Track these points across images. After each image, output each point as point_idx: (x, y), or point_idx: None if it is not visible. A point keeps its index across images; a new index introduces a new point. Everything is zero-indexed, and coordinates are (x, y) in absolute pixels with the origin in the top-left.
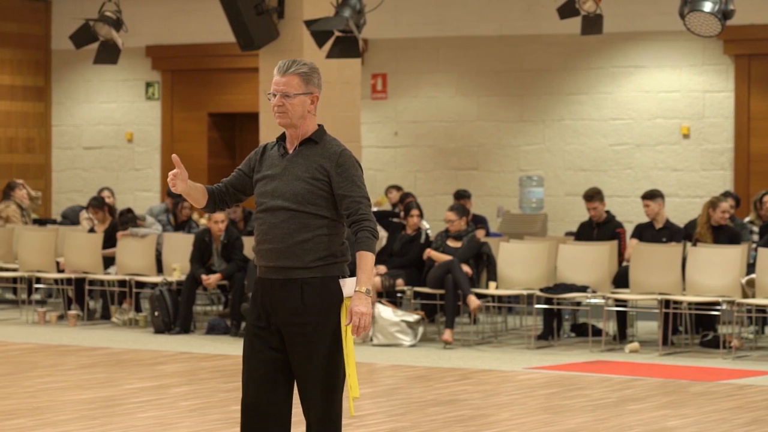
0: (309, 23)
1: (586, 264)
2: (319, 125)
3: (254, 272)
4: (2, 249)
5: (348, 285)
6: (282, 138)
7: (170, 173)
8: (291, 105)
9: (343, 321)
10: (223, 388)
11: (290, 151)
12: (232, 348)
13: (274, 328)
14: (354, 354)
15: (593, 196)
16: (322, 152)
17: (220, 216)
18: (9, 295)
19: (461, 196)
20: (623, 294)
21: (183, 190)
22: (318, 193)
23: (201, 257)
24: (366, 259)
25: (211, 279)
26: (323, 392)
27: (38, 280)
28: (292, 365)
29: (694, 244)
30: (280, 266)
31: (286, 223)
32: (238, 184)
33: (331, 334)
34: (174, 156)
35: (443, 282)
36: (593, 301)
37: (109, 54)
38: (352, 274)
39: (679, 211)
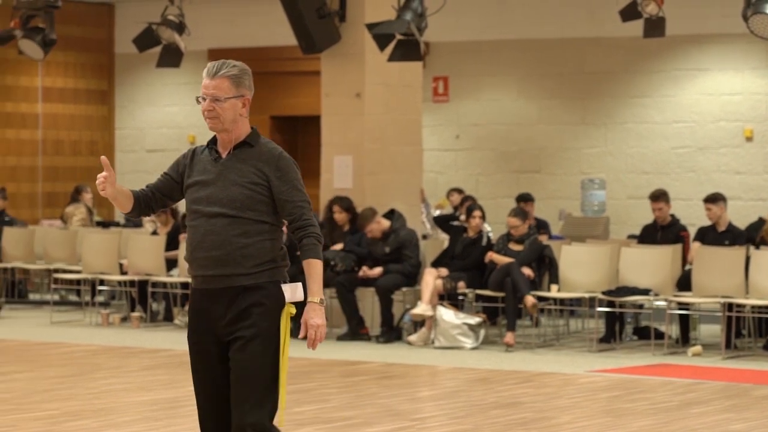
0: (370, 26)
1: (649, 267)
2: (252, 128)
3: None
4: (66, 251)
5: (289, 290)
6: (213, 142)
7: (99, 176)
8: (222, 109)
9: (283, 328)
10: (288, 389)
11: (224, 156)
12: (294, 350)
13: (214, 339)
14: (287, 364)
15: (659, 196)
16: (259, 155)
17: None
18: (73, 297)
19: (525, 199)
20: (686, 297)
21: (111, 194)
22: (257, 198)
23: None
24: (315, 267)
25: None
26: (260, 398)
27: (102, 282)
28: (231, 371)
29: (757, 247)
30: (219, 274)
31: (224, 229)
32: (165, 189)
33: (272, 341)
34: (103, 158)
35: (503, 285)
36: (656, 304)
37: (171, 57)
38: (292, 279)
39: (742, 214)
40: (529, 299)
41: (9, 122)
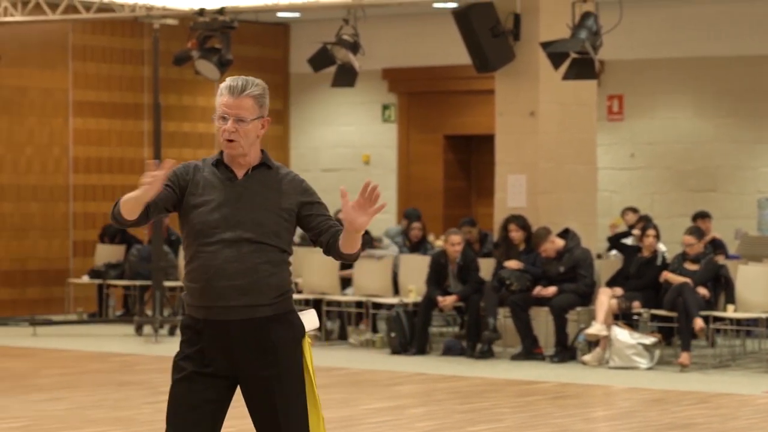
0: (545, 45)
1: None
2: (262, 149)
3: (492, 295)
4: None
5: (307, 318)
6: (219, 161)
7: (150, 174)
8: (245, 132)
9: (308, 360)
10: (459, 409)
11: (239, 176)
12: (468, 369)
13: (222, 376)
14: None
15: None
16: (282, 180)
17: (457, 239)
18: None
19: (702, 216)
20: None
21: (151, 197)
22: (283, 225)
23: (437, 279)
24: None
25: (447, 300)
26: None
27: None
28: (256, 414)
29: None
30: (243, 305)
31: (249, 256)
32: (167, 199)
33: (299, 374)
34: (154, 161)
35: (676, 304)
36: None
37: (346, 77)
38: None
39: None
40: (698, 322)
41: (186, 142)
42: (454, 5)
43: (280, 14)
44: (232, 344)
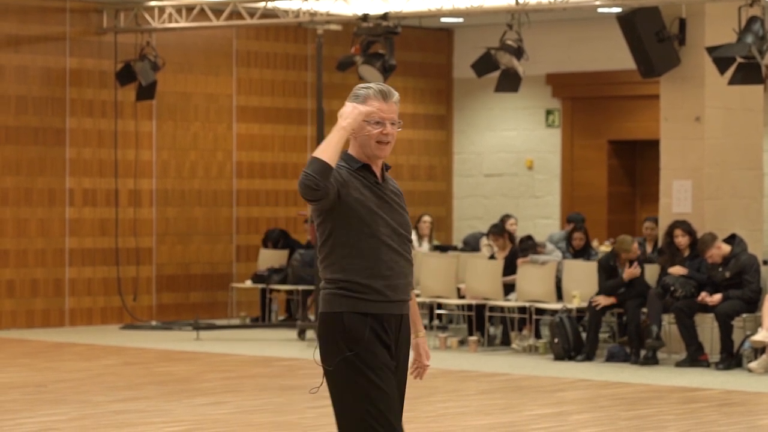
0: (711, 50)
1: None
2: None
3: (656, 301)
4: None
5: None
6: (360, 165)
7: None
8: (394, 135)
9: None
10: (623, 416)
11: (380, 180)
12: (632, 376)
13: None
14: None
15: None
16: (391, 180)
17: (636, 246)
18: None
19: None
20: None
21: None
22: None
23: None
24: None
25: (602, 299)
26: None
27: (439, 306)
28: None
29: None
30: (408, 298)
31: (409, 253)
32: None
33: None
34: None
35: None
36: None
37: (510, 82)
38: None
39: None
40: None
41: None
42: (618, 10)
43: (443, 19)
44: (401, 335)
